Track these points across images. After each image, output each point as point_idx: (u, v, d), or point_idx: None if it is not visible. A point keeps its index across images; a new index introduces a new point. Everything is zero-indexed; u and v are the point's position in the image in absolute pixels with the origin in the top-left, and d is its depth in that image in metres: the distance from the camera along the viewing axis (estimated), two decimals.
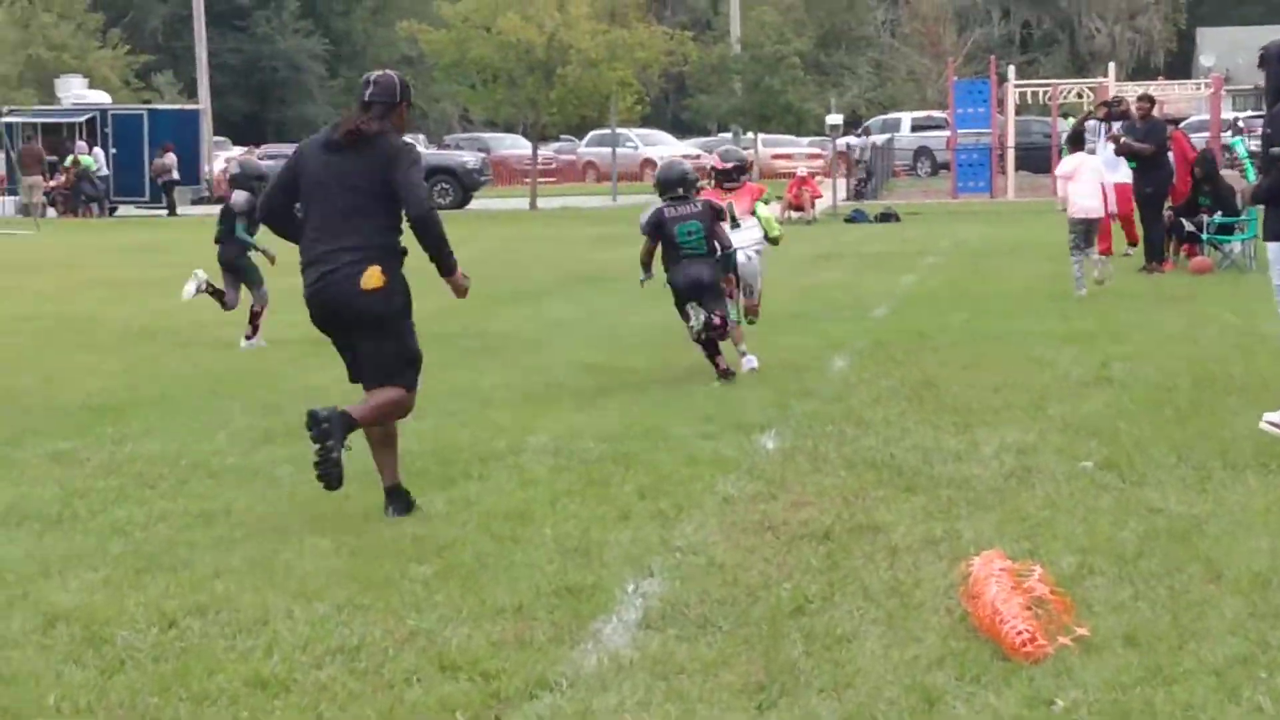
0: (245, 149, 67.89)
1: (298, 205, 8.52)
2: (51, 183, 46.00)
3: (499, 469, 9.38)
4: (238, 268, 15.82)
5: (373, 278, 8.16)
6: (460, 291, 8.73)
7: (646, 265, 12.93)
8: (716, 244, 12.74)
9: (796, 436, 10.15)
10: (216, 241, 16.01)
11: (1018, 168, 47.18)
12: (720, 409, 11.15)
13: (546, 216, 42.40)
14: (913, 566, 7.15)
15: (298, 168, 8.43)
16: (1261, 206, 10.67)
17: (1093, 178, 18.45)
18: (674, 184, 12.88)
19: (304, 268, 8.39)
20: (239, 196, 15.80)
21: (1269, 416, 10.06)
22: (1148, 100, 22.04)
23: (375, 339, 8.32)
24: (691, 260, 12.57)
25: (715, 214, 12.84)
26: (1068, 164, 19.06)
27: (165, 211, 46.83)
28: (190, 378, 13.56)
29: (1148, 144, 20.83)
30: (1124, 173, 21.62)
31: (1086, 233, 18.21)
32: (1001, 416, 10.64)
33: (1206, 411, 10.58)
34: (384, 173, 8.19)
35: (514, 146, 64.77)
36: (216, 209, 17.38)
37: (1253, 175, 17.97)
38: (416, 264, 8.47)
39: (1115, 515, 7.88)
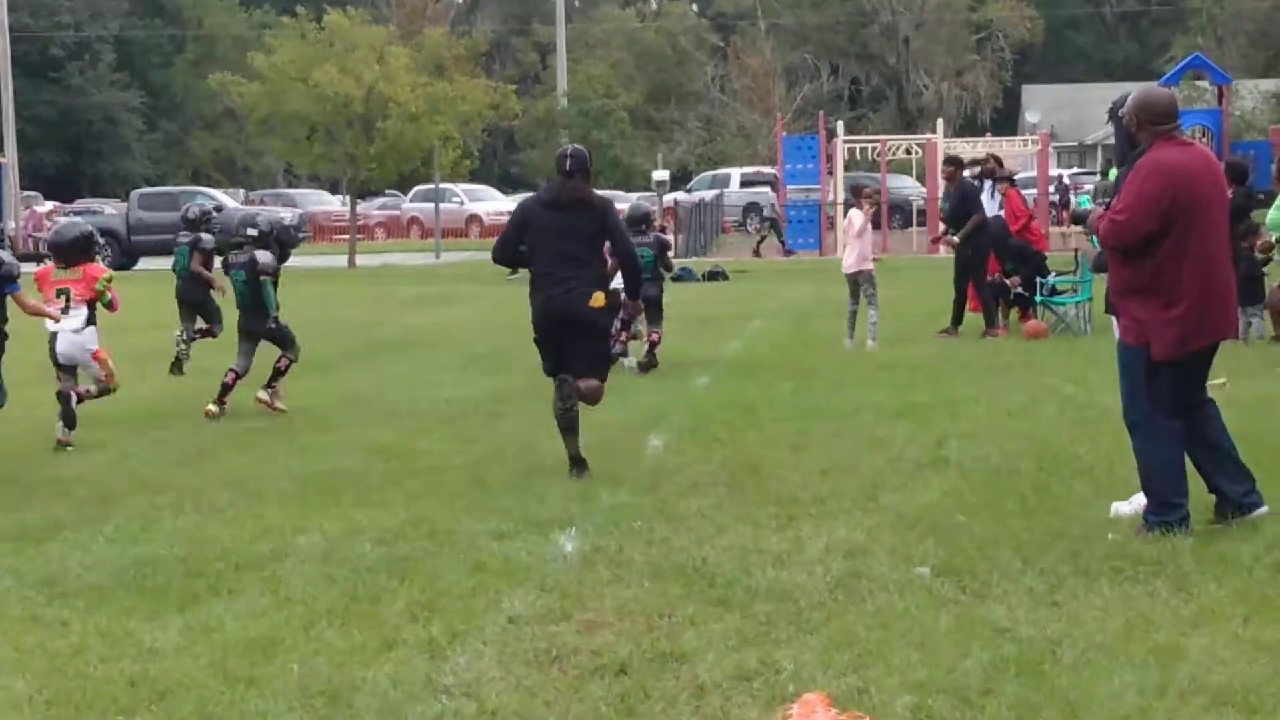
0: (54, 205, 65.84)
1: (522, 247, 11.36)
2: None
3: (254, 582, 8.12)
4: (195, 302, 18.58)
5: (599, 299, 11.10)
6: (634, 311, 14.83)
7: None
8: (663, 269, 17.34)
9: (600, 534, 9.01)
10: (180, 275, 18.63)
11: None
12: (518, 501, 9.99)
13: (365, 275, 40.97)
14: (721, 711, 6.03)
15: (525, 222, 11.37)
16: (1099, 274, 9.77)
17: (854, 238, 19.35)
18: (638, 220, 17.27)
19: (536, 291, 11.25)
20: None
21: (1118, 507, 9.13)
22: (952, 163, 21.30)
23: (590, 341, 11.23)
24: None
25: (663, 246, 17.74)
26: (855, 220, 19.39)
27: None
28: None
29: (962, 209, 20.21)
30: None
31: (852, 288, 19.35)
32: (830, 508, 9.59)
33: (1052, 502, 9.61)
34: (598, 224, 11.25)
35: (321, 203, 63.51)
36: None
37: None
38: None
39: (957, 638, 6.81)
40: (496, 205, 58.94)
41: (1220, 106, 45.57)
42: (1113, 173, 32.99)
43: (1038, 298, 20.34)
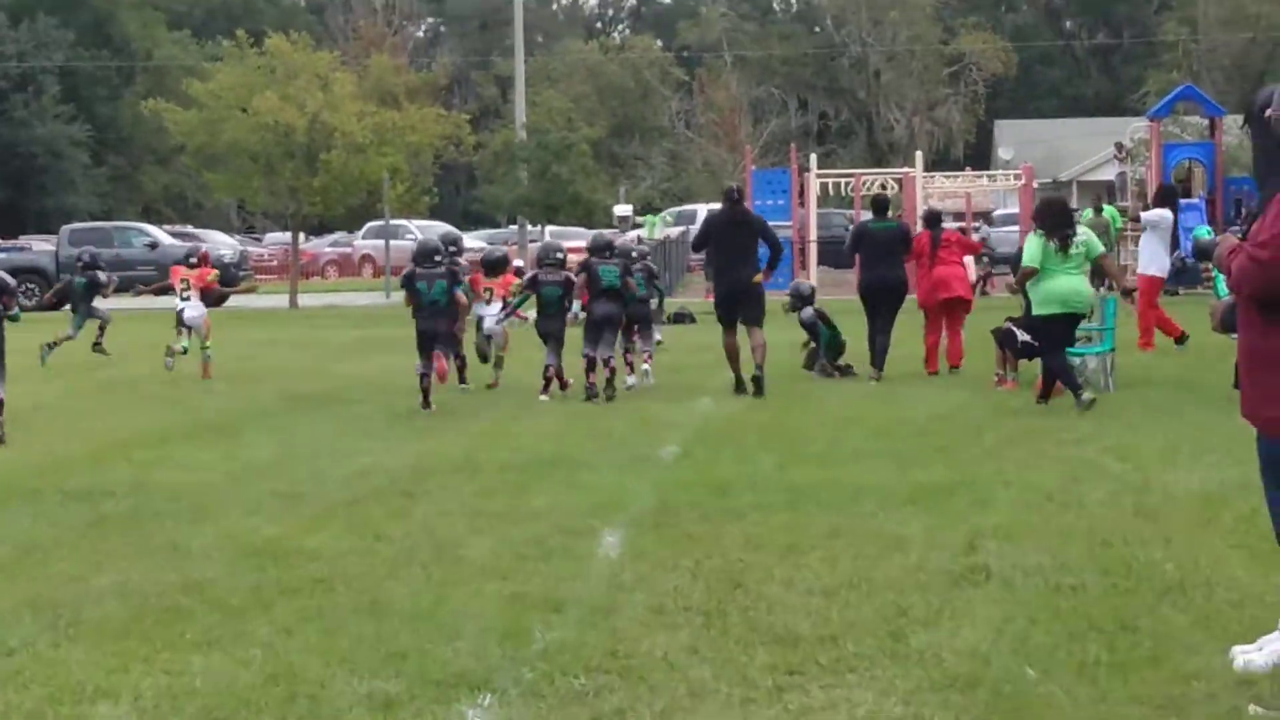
0: None
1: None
2: None
3: None
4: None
5: (758, 277, 18.04)
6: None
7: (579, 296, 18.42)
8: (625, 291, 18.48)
9: (526, 702, 6.40)
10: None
11: (819, 262, 44.12)
12: (419, 639, 7.33)
13: (305, 317, 38.23)
14: None
15: (711, 229, 18.43)
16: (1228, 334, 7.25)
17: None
18: (602, 249, 18.44)
19: (718, 276, 18.66)
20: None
21: (1245, 658, 6.57)
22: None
23: (756, 303, 17.98)
24: (609, 298, 18.06)
25: (651, 273, 21.50)
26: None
27: None
28: None
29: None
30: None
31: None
32: (844, 652, 6.99)
33: (1145, 642, 7.03)
34: (757, 232, 18.37)
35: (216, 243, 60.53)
36: None
37: (1223, 289, 14.14)
38: None
39: None
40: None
41: (1213, 140, 43.31)
42: (1109, 210, 30.80)
43: None
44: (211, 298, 23.16)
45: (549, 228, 52.50)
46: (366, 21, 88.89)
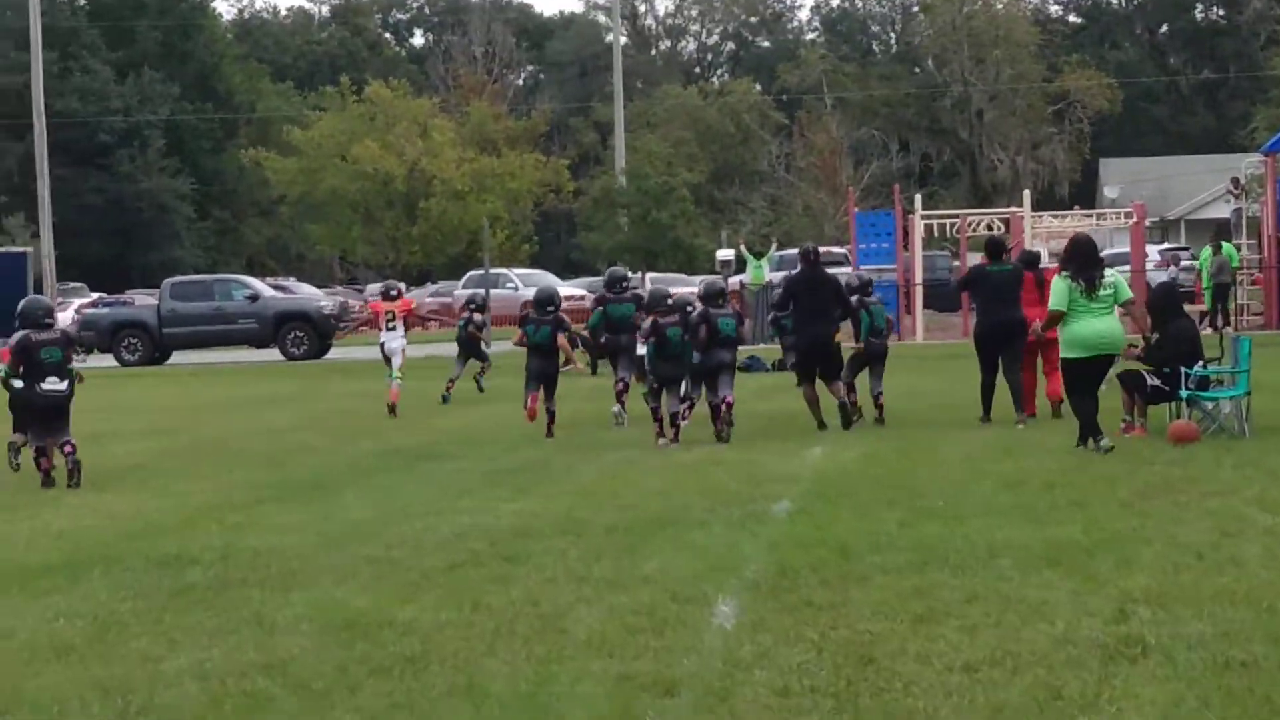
0: (97, 296, 63.14)
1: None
2: None
3: None
4: None
5: (837, 335, 18.95)
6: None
7: (700, 347, 18.37)
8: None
9: None
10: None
11: (925, 305, 43.23)
12: None
13: (407, 368, 37.70)
14: None
15: (793, 288, 19.39)
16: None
17: None
18: (715, 296, 18.71)
19: (798, 332, 19.50)
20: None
21: None
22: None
23: (834, 363, 18.97)
24: (722, 346, 18.45)
25: (739, 318, 19.65)
26: None
27: None
28: None
29: None
30: None
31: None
32: None
33: None
34: (834, 292, 19.07)
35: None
36: None
37: None
38: None
39: None
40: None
41: None
42: (1228, 248, 30.14)
43: (1182, 392, 16.83)
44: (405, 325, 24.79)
45: (650, 274, 51.92)
46: (467, 70, 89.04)
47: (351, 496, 14.36)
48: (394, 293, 24.63)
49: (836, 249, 56.48)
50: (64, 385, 15.85)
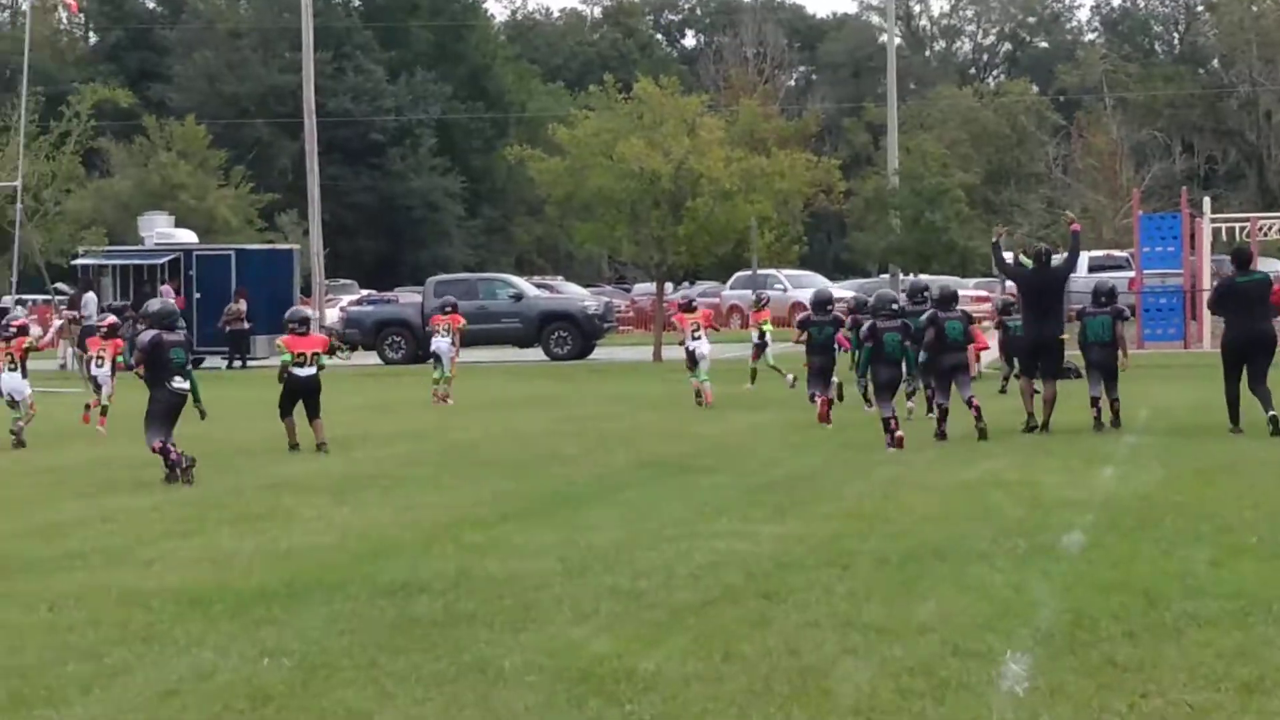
0: (366, 293, 63.54)
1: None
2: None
3: None
4: None
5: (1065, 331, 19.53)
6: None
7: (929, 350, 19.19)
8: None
9: None
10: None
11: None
12: None
13: (669, 370, 36.84)
14: None
15: (1022, 287, 20.21)
16: None
17: None
18: (949, 300, 19.53)
19: (1026, 329, 19.75)
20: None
21: None
22: None
23: (1056, 361, 19.61)
24: (954, 350, 19.01)
25: (968, 318, 20.08)
26: None
27: (226, 364, 41.39)
28: None
29: None
30: None
31: None
32: None
33: None
34: (1062, 282, 20.02)
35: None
36: None
37: None
38: None
39: None
40: None
41: None
42: None
43: None
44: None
45: (923, 276, 50.38)
46: (738, 70, 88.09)
47: (599, 513, 13.38)
48: (694, 304, 27.40)
49: (1118, 253, 54.36)
50: (187, 385, 16.46)
